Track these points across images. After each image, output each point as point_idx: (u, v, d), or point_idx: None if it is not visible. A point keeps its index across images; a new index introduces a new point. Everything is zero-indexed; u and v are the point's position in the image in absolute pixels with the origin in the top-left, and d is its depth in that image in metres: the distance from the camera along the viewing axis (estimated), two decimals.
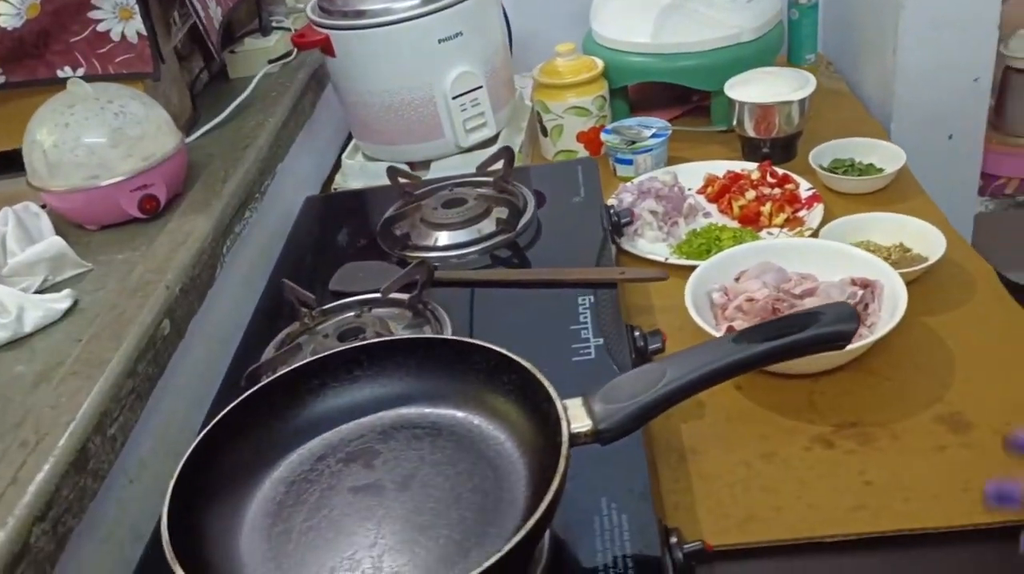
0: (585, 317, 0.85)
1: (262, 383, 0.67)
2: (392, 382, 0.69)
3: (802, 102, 1.19)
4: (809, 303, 0.86)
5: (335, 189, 1.30)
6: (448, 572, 0.55)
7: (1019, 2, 1.37)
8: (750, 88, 1.20)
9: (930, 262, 0.93)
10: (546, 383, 0.61)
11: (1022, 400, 0.78)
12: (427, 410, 0.68)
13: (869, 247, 0.98)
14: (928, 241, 0.96)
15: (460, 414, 0.66)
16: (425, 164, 1.25)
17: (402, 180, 1.09)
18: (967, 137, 1.33)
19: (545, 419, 0.61)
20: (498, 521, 0.57)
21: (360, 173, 1.29)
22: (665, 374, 0.58)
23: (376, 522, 0.59)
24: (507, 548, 0.49)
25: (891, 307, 0.84)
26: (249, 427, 0.65)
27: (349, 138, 1.34)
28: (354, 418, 0.68)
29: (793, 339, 0.58)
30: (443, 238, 1.02)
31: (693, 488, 0.76)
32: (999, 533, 0.68)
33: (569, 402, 0.60)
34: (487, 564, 0.48)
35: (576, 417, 0.59)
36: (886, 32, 1.28)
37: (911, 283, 0.87)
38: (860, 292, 0.86)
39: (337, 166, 1.36)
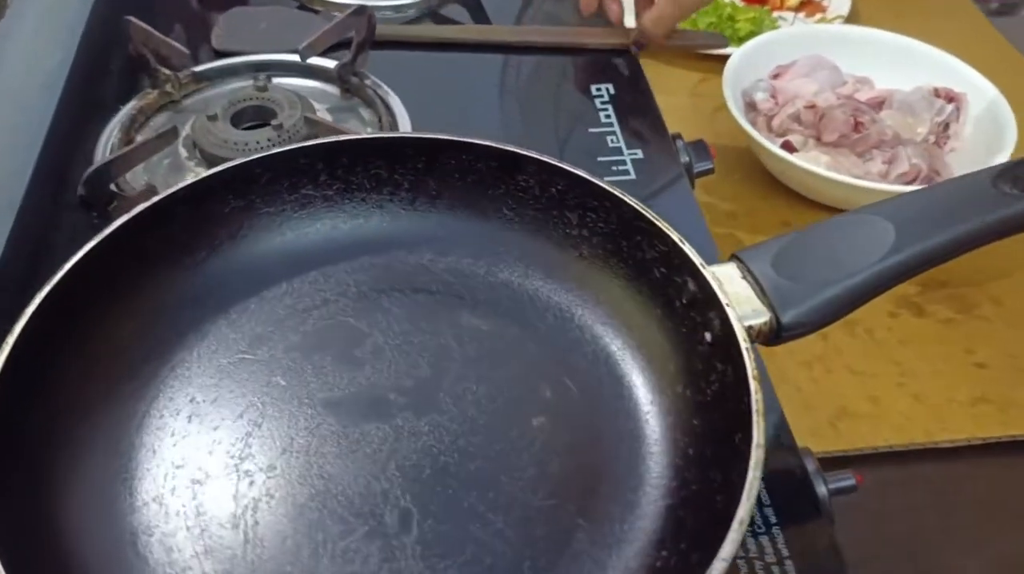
0: (608, 115, 0.59)
1: (142, 208, 0.36)
2: (369, 212, 0.41)
3: None
4: (889, 119, 0.64)
5: None
6: None
7: None
8: None
9: None
10: (673, 234, 0.36)
11: None
12: (435, 258, 0.41)
13: None
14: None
15: (496, 271, 0.40)
16: None
17: None
18: None
19: (663, 294, 0.37)
20: (616, 477, 0.33)
21: None
22: (893, 235, 0.35)
23: (392, 475, 0.33)
24: (723, 558, 0.26)
25: (988, 131, 0.64)
26: (117, 289, 0.36)
27: None
28: (306, 269, 0.40)
29: None
30: None
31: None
32: None
33: (718, 269, 0.35)
34: None
35: (737, 298, 0.34)
36: None
37: None
38: (949, 108, 0.65)
39: None
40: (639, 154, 0.56)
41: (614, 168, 0.55)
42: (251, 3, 0.66)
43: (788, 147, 0.63)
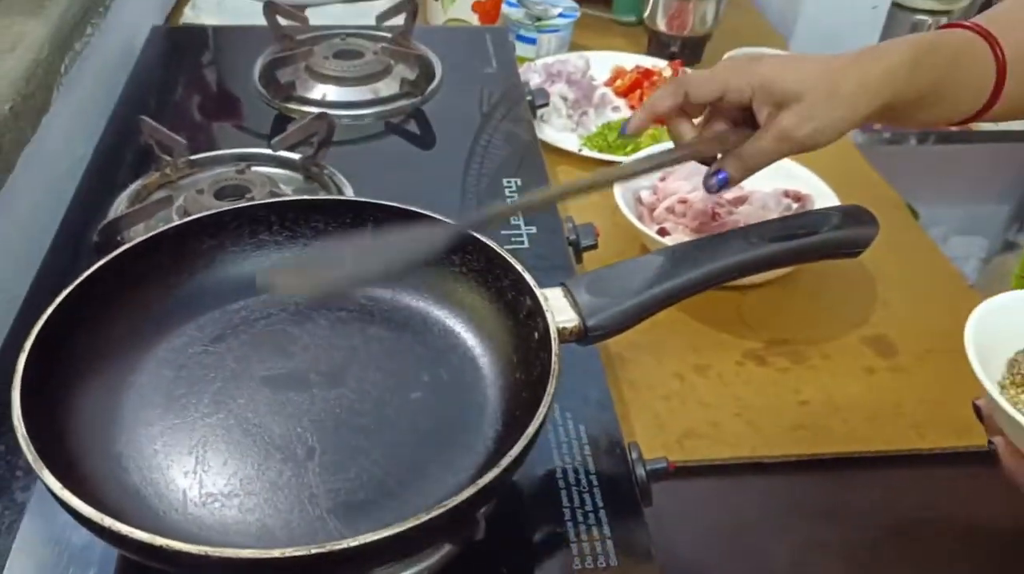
0: (512, 199, 0.74)
1: (142, 238, 0.51)
2: (308, 252, 0.56)
3: (719, 4, 1.12)
4: (744, 212, 0.80)
5: (182, 23, 1.09)
6: (407, 492, 0.44)
7: None
8: None
9: None
10: (518, 266, 0.50)
11: (938, 327, 0.78)
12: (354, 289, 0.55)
13: None
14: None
15: (400, 298, 0.55)
16: (298, 9, 1.07)
17: (283, 21, 0.91)
18: None
19: (512, 310, 0.51)
20: (463, 431, 0.47)
21: (216, 8, 1.08)
22: (665, 269, 0.50)
23: (304, 425, 0.47)
24: (505, 462, 0.39)
25: None
26: (120, 294, 0.50)
27: None
28: (259, 292, 0.54)
29: (804, 242, 0.51)
30: (333, 93, 0.86)
31: (625, 398, 0.69)
32: (936, 458, 0.66)
33: (548, 291, 0.50)
34: (483, 482, 0.38)
35: (558, 309, 0.49)
36: None
37: None
38: (795, 206, 0.82)
39: None
40: (534, 230, 0.72)
41: (512, 238, 0.70)
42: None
43: (663, 232, 0.79)
